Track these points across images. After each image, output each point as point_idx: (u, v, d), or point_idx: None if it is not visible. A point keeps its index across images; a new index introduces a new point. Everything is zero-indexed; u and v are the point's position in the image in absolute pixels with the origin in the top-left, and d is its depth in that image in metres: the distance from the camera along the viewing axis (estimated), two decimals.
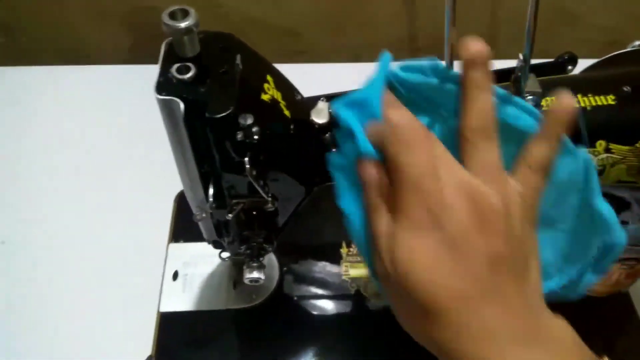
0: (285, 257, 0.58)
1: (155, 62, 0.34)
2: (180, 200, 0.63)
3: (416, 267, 0.27)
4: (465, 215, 0.27)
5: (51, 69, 0.76)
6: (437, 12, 0.78)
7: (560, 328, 0.31)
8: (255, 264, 0.41)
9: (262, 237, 0.40)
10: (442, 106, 0.32)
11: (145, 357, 0.51)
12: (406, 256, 0.27)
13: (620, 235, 0.31)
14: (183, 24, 0.31)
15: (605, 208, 0.31)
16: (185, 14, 0.31)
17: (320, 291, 0.56)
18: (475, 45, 0.29)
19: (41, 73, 0.76)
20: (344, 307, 0.56)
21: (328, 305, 0.56)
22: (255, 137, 0.31)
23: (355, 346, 0.53)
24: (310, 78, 0.43)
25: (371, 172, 0.29)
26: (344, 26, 0.81)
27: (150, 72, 0.33)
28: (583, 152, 0.30)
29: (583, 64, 0.44)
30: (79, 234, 0.60)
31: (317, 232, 0.60)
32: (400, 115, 0.29)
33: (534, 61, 0.35)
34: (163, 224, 0.61)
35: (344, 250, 0.59)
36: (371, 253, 0.30)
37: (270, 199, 0.36)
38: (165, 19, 0.31)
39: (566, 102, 0.30)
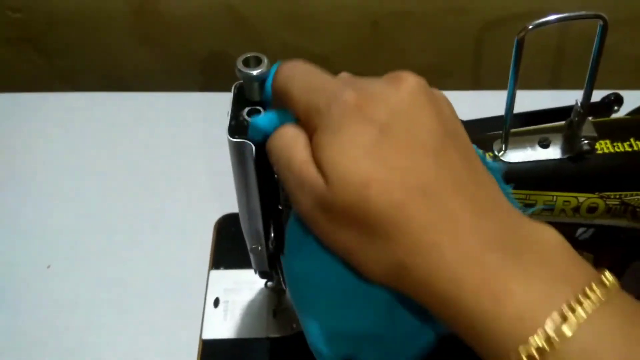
0: None
1: (193, 90, 0.35)
2: (220, 227, 0.64)
3: (353, 169, 0.24)
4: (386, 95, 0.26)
5: (92, 95, 0.78)
6: (465, 39, 0.81)
7: (549, 233, 0.25)
8: None
9: None
10: None
11: None
12: (339, 158, 0.24)
13: None
14: (255, 72, 0.32)
15: None
16: (258, 62, 0.32)
17: None
18: None
19: (80, 98, 0.78)
20: None
21: None
22: None
23: None
24: None
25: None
26: (374, 54, 0.83)
27: (190, 99, 0.34)
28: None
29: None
30: (122, 260, 0.61)
31: None
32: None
33: (575, 95, 0.36)
34: (203, 251, 0.62)
35: None
36: (293, 194, 0.27)
37: None
38: (240, 65, 0.32)
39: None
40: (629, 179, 0.36)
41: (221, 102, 0.35)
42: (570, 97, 0.37)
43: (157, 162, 0.71)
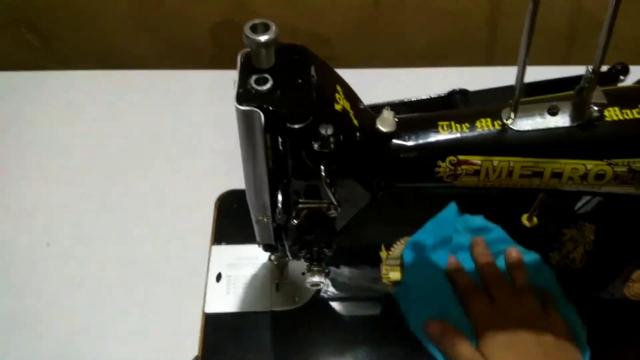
0: (326, 260, 0.58)
1: (193, 68, 0.34)
2: (222, 204, 0.64)
3: None
4: None
5: (91, 73, 0.76)
6: (466, 20, 0.80)
7: None
8: (316, 268, 0.42)
9: (324, 241, 0.41)
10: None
11: (192, 357, 0.52)
12: None
13: None
14: (263, 38, 0.31)
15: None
16: (266, 28, 0.32)
17: (360, 294, 0.57)
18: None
19: (81, 77, 0.76)
20: (384, 309, 0.56)
21: (368, 308, 0.56)
22: (332, 146, 0.32)
23: (395, 348, 0.53)
24: None
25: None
26: (374, 35, 0.82)
27: (191, 77, 0.34)
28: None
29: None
30: (123, 238, 0.61)
31: (356, 235, 0.61)
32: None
33: (581, 70, 0.36)
34: (205, 227, 0.61)
35: (383, 254, 0.59)
36: None
37: (336, 203, 0.37)
38: (247, 31, 0.31)
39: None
40: (636, 145, 0.36)
41: (223, 80, 0.34)
42: (579, 72, 0.37)
43: (157, 140, 0.70)
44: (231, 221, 0.62)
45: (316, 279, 0.42)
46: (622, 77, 0.44)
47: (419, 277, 0.55)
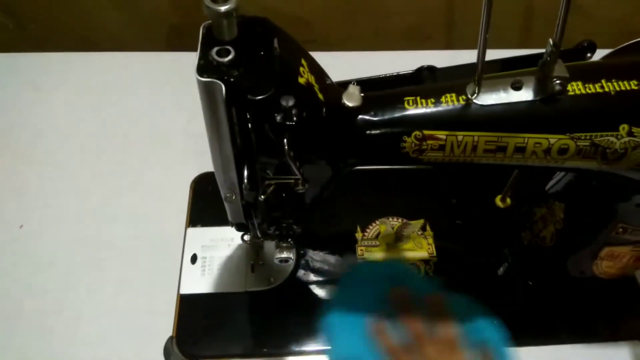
0: (302, 241, 0.59)
1: (168, 50, 0.34)
2: (196, 187, 0.63)
3: None
4: None
5: (65, 55, 0.76)
6: (450, 1, 0.79)
7: None
8: (285, 244, 0.42)
9: (292, 218, 0.41)
10: None
11: (167, 338, 0.52)
12: None
13: None
14: (223, 8, 0.31)
15: None
16: None
17: (335, 275, 0.57)
18: None
19: (54, 59, 0.76)
20: None
21: None
22: (294, 119, 0.32)
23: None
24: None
25: None
26: (355, 16, 0.82)
27: (166, 59, 0.34)
28: None
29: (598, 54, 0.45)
30: (98, 220, 0.61)
31: (332, 217, 0.62)
32: None
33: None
34: (180, 209, 0.61)
35: (358, 235, 0.60)
36: None
37: (302, 179, 0.37)
38: (207, 1, 0.31)
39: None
40: (599, 119, 0.36)
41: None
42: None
43: (132, 122, 0.70)
44: (206, 204, 0.62)
45: (285, 254, 0.42)
46: (589, 55, 0.44)
47: (344, 345, 0.50)
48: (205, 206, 0.62)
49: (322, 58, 0.39)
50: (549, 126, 0.36)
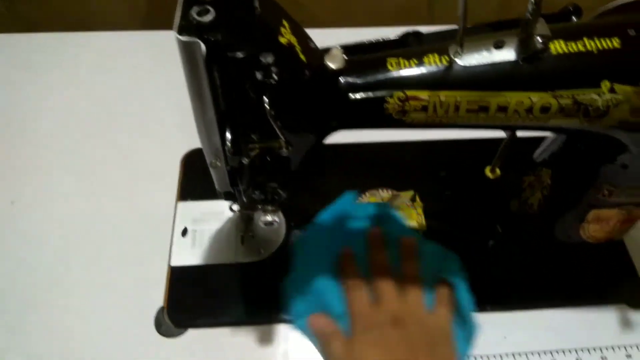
0: (292, 213, 0.59)
1: (157, 28, 0.34)
2: (187, 162, 0.64)
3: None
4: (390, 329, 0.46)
5: (54, 36, 0.75)
6: None
7: None
8: (270, 207, 0.42)
9: (277, 182, 0.41)
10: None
11: (157, 308, 0.53)
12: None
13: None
14: None
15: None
16: None
17: None
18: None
19: (45, 39, 0.75)
20: None
21: None
22: (275, 77, 0.32)
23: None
24: None
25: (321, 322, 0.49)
26: None
27: (155, 38, 0.34)
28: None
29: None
30: (90, 195, 0.61)
31: (322, 189, 0.62)
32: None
33: None
34: (171, 184, 0.61)
35: None
36: None
37: (286, 141, 0.37)
38: None
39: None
40: (580, 76, 0.36)
41: None
42: None
43: (123, 99, 0.70)
44: (196, 179, 0.62)
45: (269, 218, 0.42)
46: (574, 18, 0.44)
47: (308, 269, 0.53)
48: (195, 181, 0.62)
49: (311, 34, 0.39)
50: (531, 84, 0.36)
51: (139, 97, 0.70)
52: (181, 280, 0.54)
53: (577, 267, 0.54)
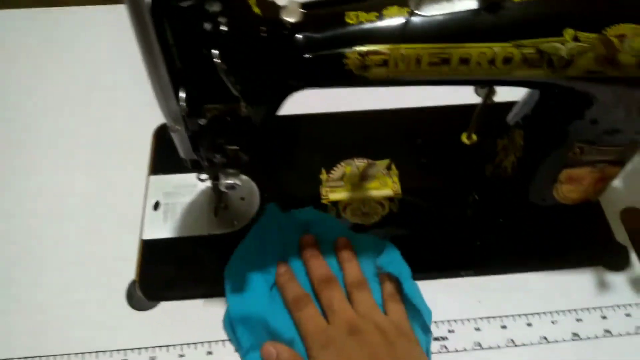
0: (265, 184, 0.58)
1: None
2: (158, 135, 0.62)
3: None
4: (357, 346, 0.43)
5: (22, 12, 0.74)
6: None
7: None
8: (231, 171, 0.41)
9: (238, 144, 0.40)
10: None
11: (129, 281, 0.52)
12: None
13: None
14: None
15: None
16: None
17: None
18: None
19: (14, 15, 0.74)
20: None
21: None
22: (224, 27, 0.31)
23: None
24: None
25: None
26: None
27: (125, 11, 0.33)
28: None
29: None
30: (59, 169, 0.60)
31: (296, 159, 0.61)
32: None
33: None
34: (142, 158, 0.60)
35: (323, 176, 0.59)
36: None
37: (243, 100, 0.36)
38: None
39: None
40: (542, 25, 0.35)
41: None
42: None
43: (95, 75, 0.68)
44: (168, 152, 0.60)
45: (230, 181, 0.41)
46: None
47: (246, 298, 0.49)
48: (167, 154, 0.60)
49: None
50: (492, 35, 0.35)
51: (109, 70, 0.68)
52: (153, 254, 0.54)
53: (552, 230, 0.53)
